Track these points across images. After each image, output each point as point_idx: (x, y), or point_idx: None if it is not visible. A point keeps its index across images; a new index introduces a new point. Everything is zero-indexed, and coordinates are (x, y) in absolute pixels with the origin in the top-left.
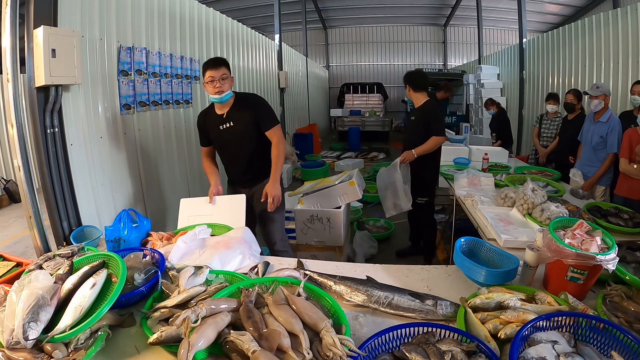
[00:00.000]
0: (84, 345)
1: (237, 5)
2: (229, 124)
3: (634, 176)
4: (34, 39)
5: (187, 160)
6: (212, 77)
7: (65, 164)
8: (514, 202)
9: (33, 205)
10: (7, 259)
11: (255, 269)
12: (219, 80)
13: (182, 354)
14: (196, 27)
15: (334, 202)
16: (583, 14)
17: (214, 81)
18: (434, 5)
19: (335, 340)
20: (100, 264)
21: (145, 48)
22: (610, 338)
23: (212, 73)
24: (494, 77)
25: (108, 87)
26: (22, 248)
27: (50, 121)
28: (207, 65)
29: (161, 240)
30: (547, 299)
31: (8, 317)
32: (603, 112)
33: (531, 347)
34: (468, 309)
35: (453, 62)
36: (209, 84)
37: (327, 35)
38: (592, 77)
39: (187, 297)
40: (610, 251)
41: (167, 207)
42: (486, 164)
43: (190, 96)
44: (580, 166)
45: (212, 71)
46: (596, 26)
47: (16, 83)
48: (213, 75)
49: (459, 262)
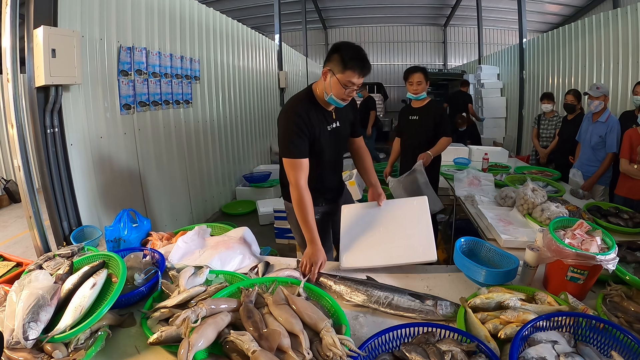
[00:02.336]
0: (84, 345)
1: (237, 5)
2: (336, 123)
3: (634, 176)
4: (34, 39)
5: (187, 160)
6: (355, 84)
7: (65, 164)
8: (514, 202)
9: (33, 205)
10: (7, 259)
11: (255, 269)
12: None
13: (182, 354)
14: (196, 27)
15: None
16: (583, 14)
17: (352, 89)
18: (434, 5)
19: (335, 340)
20: (100, 264)
21: (145, 48)
22: (610, 338)
23: (358, 80)
24: (494, 77)
25: (108, 87)
26: (22, 248)
27: (50, 121)
28: (356, 67)
29: (161, 240)
30: (547, 299)
31: (8, 317)
32: (602, 112)
33: (531, 347)
34: (468, 309)
35: (453, 62)
36: (342, 87)
37: (327, 35)
38: (592, 77)
39: (187, 297)
40: (610, 251)
41: (167, 207)
42: (486, 164)
43: (190, 96)
44: (579, 166)
45: (360, 78)
46: (596, 26)
47: (16, 83)
48: (358, 83)
49: (459, 262)
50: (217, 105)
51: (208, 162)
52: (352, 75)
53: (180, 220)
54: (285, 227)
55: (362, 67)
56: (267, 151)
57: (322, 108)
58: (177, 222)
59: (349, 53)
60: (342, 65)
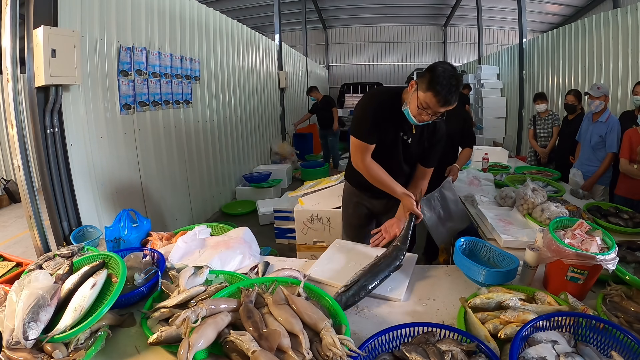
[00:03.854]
0: (84, 345)
1: (237, 5)
2: (411, 139)
3: (635, 176)
4: (34, 39)
5: (187, 160)
6: (432, 109)
7: (65, 164)
8: (514, 202)
9: (33, 205)
10: (7, 259)
11: (255, 269)
12: (432, 115)
13: (182, 354)
14: (196, 27)
15: (334, 202)
16: (583, 14)
17: (427, 112)
18: (434, 5)
19: (335, 340)
20: (100, 264)
21: (145, 48)
22: (610, 338)
23: (436, 107)
24: (494, 77)
25: (108, 87)
26: (22, 248)
27: (50, 121)
28: (439, 94)
29: (161, 240)
30: (547, 299)
31: (8, 317)
32: (602, 112)
33: (531, 347)
34: (468, 309)
35: (453, 62)
36: (422, 110)
37: (327, 35)
38: (592, 77)
39: (187, 297)
40: (610, 251)
41: (167, 207)
42: (486, 164)
43: (190, 96)
44: (579, 166)
45: (439, 107)
46: (596, 26)
47: (16, 83)
48: (435, 110)
49: (459, 262)
50: (217, 105)
51: (208, 162)
52: (432, 98)
53: (180, 220)
54: (285, 227)
55: (446, 95)
56: (267, 151)
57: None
58: (177, 222)
59: (440, 78)
60: (427, 85)
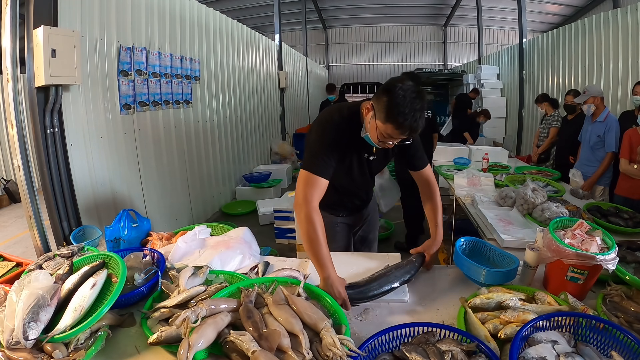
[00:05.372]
0: (84, 345)
1: (237, 5)
2: (375, 156)
3: (634, 176)
4: (34, 39)
5: (187, 160)
6: (394, 139)
7: (65, 164)
8: (514, 202)
9: (33, 205)
10: (7, 259)
11: (255, 269)
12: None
13: (182, 354)
14: (196, 27)
15: None
16: (583, 14)
17: (391, 141)
18: (434, 5)
19: (335, 340)
20: (100, 264)
21: (145, 48)
22: (610, 338)
23: (399, 137)
24: (494, 77)
25: (108, 87)
26: (22, 248)
27: (50, 121)
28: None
29: (161, 240)
30: (547, 299)
31: (8, 317)
32: (600, 112)
33: (531, 347)
34: (468, 309)
35: (453, 62)
36: (383, 137)
37: (327, 35)
38: (592, 77)
39: (187, 297)
40: (610, 251)
41: (167, 207)
42: (486, 164)
43: (190, 96)
44: (579, 166)
45: (404, 135)
46: (596, 26)
47: (16, 83)
48: (397, 139)
49: (459, 262)
50: (217, 105)
51: (208, 162)
52: (394, 130)
53: (180, 220)
54: (285, 227)
55: (411, 124)
56: (267, 151)
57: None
58: (177, 222)
59: (401, 106)
60: (386, 115)
